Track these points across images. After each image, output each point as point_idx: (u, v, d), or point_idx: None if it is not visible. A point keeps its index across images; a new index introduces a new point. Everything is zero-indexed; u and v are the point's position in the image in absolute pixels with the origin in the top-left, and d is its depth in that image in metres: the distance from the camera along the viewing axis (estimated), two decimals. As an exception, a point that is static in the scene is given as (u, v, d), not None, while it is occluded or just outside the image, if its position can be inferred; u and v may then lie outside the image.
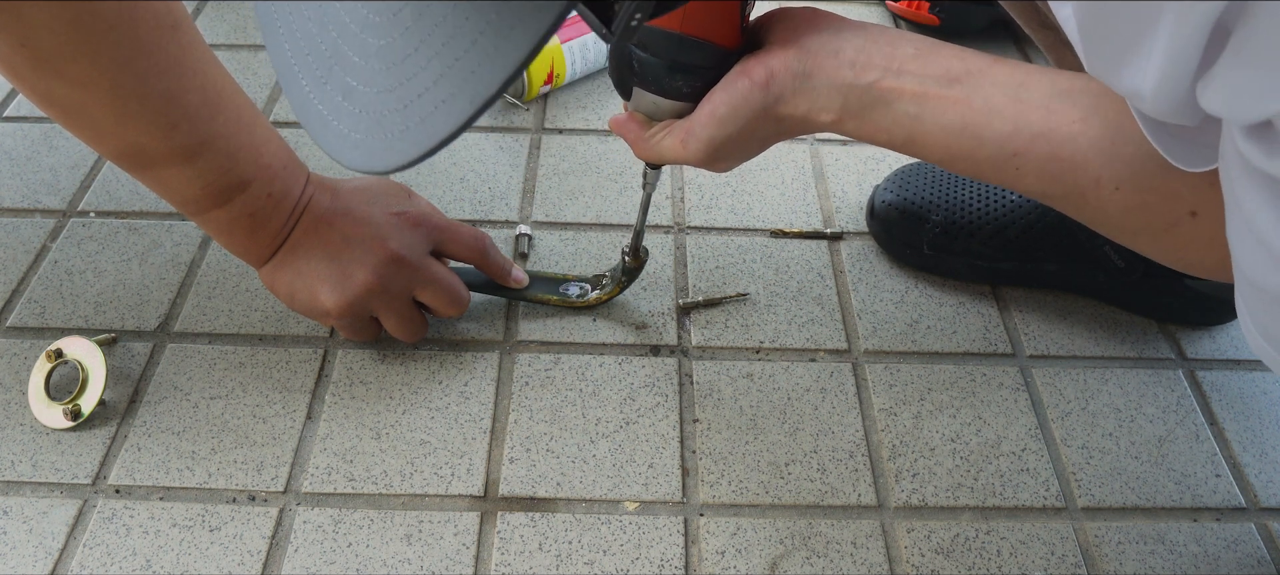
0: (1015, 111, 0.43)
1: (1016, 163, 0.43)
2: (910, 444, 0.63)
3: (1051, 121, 0.42)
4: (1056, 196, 0.45)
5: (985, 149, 0.44)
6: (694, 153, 0.51)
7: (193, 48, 0.55)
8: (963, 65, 0.45)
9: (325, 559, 0.56)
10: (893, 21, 1.03)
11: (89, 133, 0.55)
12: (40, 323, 0.68)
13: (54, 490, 0.59)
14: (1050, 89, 0.43)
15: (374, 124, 0.33)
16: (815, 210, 0.80)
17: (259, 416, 0.63)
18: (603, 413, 0.64)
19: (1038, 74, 0.44)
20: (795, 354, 0.69)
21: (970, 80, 0.44)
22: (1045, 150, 0.43)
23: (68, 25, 0.48)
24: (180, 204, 0.59)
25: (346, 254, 0.61)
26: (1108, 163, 0.42)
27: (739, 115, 0.48)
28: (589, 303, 0.70)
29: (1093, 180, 0.42)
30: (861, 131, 0.47)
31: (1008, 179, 0.45)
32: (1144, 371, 0.69)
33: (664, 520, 0.59)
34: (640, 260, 0.68)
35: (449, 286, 0.65)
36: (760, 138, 0.50)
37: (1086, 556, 0.58)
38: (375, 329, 0.66)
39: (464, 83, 0.30)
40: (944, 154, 0.46)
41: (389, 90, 0.32)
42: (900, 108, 0.45)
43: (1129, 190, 0.42)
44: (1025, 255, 0.72)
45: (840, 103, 0.46)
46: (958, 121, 0.44)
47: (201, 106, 0.55)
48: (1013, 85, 0.44)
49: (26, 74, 0.51)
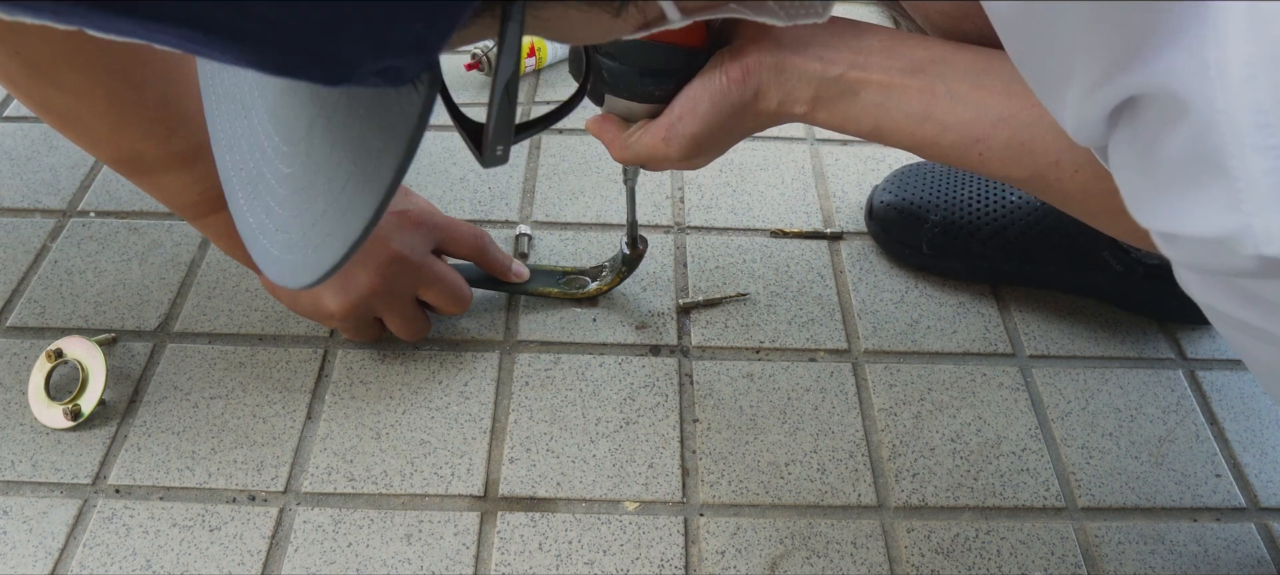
0: (976, 98, 0.44)
1: (980, 148, 0.45)
2: (910, 444, 0.63)
3: (1011, 106, 0.43)
4: (1020, 179, 0.46)
5: (949, 135, 0.45)
6: (676, 150, 0.51)
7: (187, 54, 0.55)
8: (927, 54, 0.46)
9: (325, 559, 0.56)
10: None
11: (87, 140, 0.55)
12: (40, 323, 0.68)
13: (54, 490, 0.59)
14: (1011, 74, 0.44)
15: (286, 245, 0.35)
16: (815, 210, 0.80)
17: (259, 416, 0.63)
18: (603, 413, 0.64)
19: (1000, 60, 0.44)
20: (795, 354, 0.69)
21: (934, 68, 0.45)
22: (1006, 134, 0.44)
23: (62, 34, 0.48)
24: (180, 209, 0.59)
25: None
26: (1067, 147, 0.43)
27: (720, 111, 0.49)
28: (589, 293, 0.71)
29: (1052, 163, 0.43)
30: (831, 121, 0.48)
31: (973, 163, 0.46)
32: (1144, 371, 0.69)
33: (664, 520, 0.59)
34: (639, 251, 0.68)
35: (451, 285, 0.65)
36: (738, 132, 0.51)
37: (1086, 556, 0.58)
38: (378, 329, 0.66)
39: (338, 222, 0.32)
40: (910, 141, 0.47)
41: (294, 216, 0.34)
42: (867, 97, 0.46)
43: (1088, 174, 0.43)
44: (1025, 256, 0.72)
45: (811, 93, 0.47)
46: (921, 109, 0.45)
47: (198, 112, 0.55)
48: (975, 71, 0.44)
49: (23, 83, 0.51)
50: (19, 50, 0.49)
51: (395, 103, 0.30)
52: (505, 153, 0.36)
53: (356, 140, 0.32)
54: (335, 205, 0.33)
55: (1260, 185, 0.23)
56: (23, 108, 0.86)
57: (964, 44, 0.46)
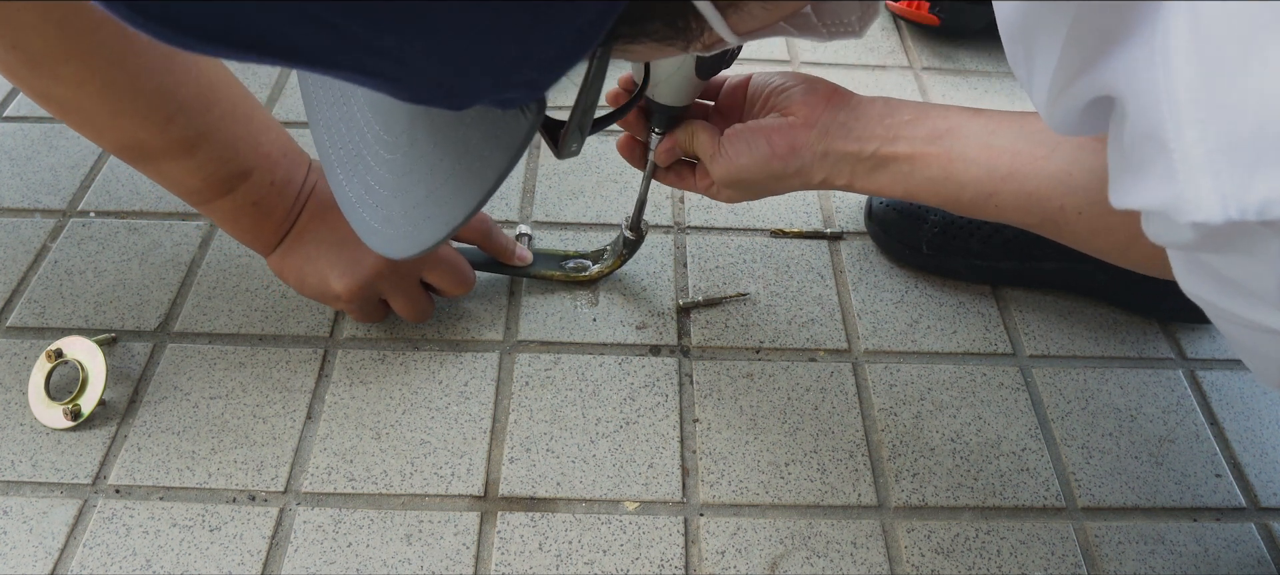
0: (986, 158, 0.50)
1: (994, 201, 0.50)
2: (910, 444, 0.63)
3: (1017, 162, 0.49)
4: (1034, 225, 0.51)
5: (966, 192, 0.51)
6: (719, 171, 0.57)
7: None
8: (946, 123, 0.52)
9: (325, 559, 0.56)
10: (894, 22, 1.03)
11: (88, 129, 0.56)
12: (40, 323, 0.68)
13: (54, 490, 0.59)
14: (1017, 132, 0.50)
15: (385, 219, 0.41)
16: (815, 210, 0.80)
17: (259, 416, 0.63)
18: (603, 413, 0.64)
19: (1008, 121, 0.51)
20: (795, 354, 0.69)
21: (950, 136, 0.51)
22: (1015, 187, 0.50)
23: (56, 26, 0.49)
24: (184, 195, 0.60)
25: (354, 237, 0.62)
26: (1069, 192, 0.48)
27: (758, 168, 0.55)
28: (591, 276, 0.71)
29: (1058, 208, 0.49)
30: (867, 188, 0.55)
31: (991, 214, 0.52)
32: (1144, 371, 0.69)
33: (664, 520, 0.59)
34: (641, 234, 0.69)
35: (455, 266, 0.67)
36: (778, 189, 0.58)
37: (1086, 556, 0.58)
38: (384, 310, 0.67)
39: (439, 208, 0.39)
40: (935, 199, 0.53)
41: (394, 196, 0.40)
42: (896, 168, 0.53)
43: (1090, 215, 0.48)
44: (1024, 255, 0.72)
45: (850, 170, 0.54)
46: (941, 173, 0.51)
47: (196, 99, 0.56)
48: (985, 135, 0.50)
49: (23, 75, 0.52)
50: (17, 44, 0.49)
51: (501, 118, 0.36)
52: (578, 149, 0.43)
53: (461, 143, 0.38)
54: (435, 194, 0.39)
55: (1192, 154, 0.25)
56: (23, 108, 0.86)
57: (979, 111, 0.52)
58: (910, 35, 1.02)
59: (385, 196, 0.41)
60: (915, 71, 0.96)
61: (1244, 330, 0.32)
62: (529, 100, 0.33)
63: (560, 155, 0.43)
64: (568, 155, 0.43)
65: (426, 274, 0.66)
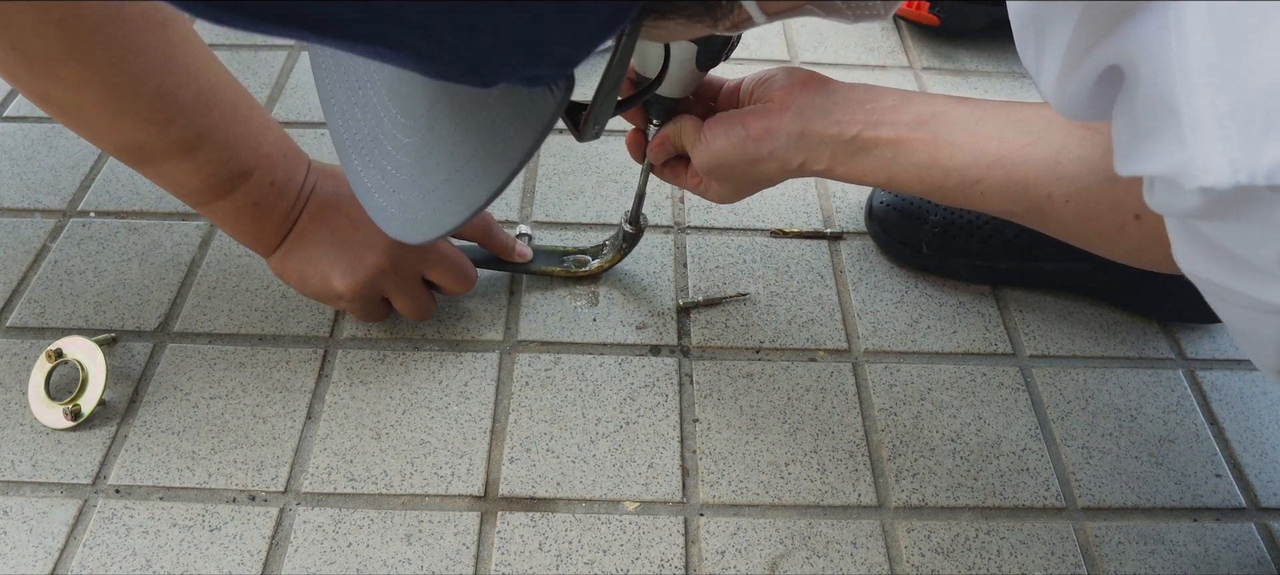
0: (973, 144, 0.49)
1: (980, 188, 0.50)
2: (910, 444, 0.63)
3: (1003, 149, 0.49)
4: (1019, 214, 0.51)
5: (951, 178, 0.50)
6: (701, 159, 0.57)
7: (184, 44, 0.55)
8: (931, 110, 0.51)
9: (325, 559, 0.56)
10: (894, 22, 1.03)
11: (88, 131, 0.56)
12: (40, 323, 0.68)
13: (54, 490, 0.59)
14: (1004, 120, 0.49)
15: (403, 204, 0.40)
16: (815, 210, 0.80)
17: (259, 416, 0.63)
18: (603, 413, 0.64)
19: (995, 108, 0.50)
20: (795, 354, 0.69)
21: (936, 122, 0.50)
22: (1001, 174, 0.49)
23: (55, 27, 0.49)
24: (184, 196, 0.60)
25: (355, 237, 0.63)
26: (1056, 180, 0.48)
27: (734, 152, 0.55)
28: (591, 271, 0.72)
29: (1045, 196, 0.48)
30: (849, 175, 0.54)
31: (975, 202, 0.50)
32: (1144, 371, 0.69)
33: (664, 520, 0.59)
34: (640, 228, 0.69)
35: (457, 264, 0.67)
36: (758, 177, 0.57)
37: (1086, 556, 0.58)
38: (386, 309, 0.67)
39: (462, 190, 0.38)
40: (919, 186, 0.52)
41: (413, 181, 0.40)
42: (879, 153, 0.52)
43: (1078, 202, 0.48)
44: (1024, 255, 0.72)
45: (830, 153, 0.53)
46: (926, 158, 0.51)
47: (195, 100, 0.56)
48: (971, 121, 0.50)
49: (22, 76, 0.52)
50: (16, 45, 0.49)
51: (527, 97, 0.35)
52: (599, 131, 0.43)
53: (484, 123, 0.37)
54: (457, 176, 0.38)
55: (1203, 119, 0.25)
56: (23, 108, 0.86)
57: (965, 98, 0.51)
58: (910, 35, 1.02)
59: (403, 181, 0.40)
60: (915, 71, 0.96)
61: (1242, 311, 0.32)
62: (558, 78, 0.33)
63: (581, 138, 0.43)
64: (589, 138, 0.43)
65: (428, 271, 0.66)
